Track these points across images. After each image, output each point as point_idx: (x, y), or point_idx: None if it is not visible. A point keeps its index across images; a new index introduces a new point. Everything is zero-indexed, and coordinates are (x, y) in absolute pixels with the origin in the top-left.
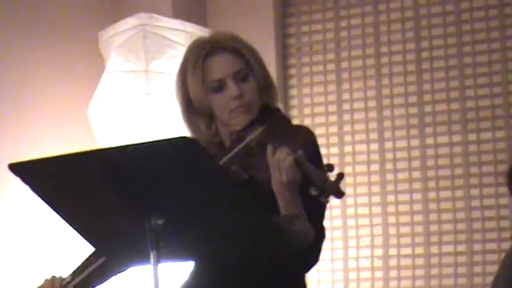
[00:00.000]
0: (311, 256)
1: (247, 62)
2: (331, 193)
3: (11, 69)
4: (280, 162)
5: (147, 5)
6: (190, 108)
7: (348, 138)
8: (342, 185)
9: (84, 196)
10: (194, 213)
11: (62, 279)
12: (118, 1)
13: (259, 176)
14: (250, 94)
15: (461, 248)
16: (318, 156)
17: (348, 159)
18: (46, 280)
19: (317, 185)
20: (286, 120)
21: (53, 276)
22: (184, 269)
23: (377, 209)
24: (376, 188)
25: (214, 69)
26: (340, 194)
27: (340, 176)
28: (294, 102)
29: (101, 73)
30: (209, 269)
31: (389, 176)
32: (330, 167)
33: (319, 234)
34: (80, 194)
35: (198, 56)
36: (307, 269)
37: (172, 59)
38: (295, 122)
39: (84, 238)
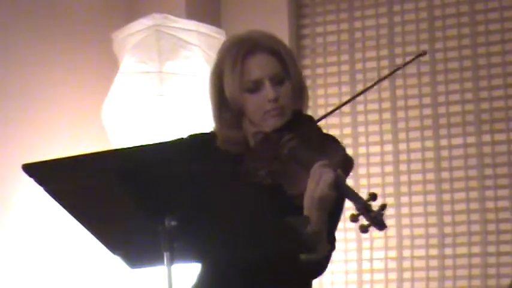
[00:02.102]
0: (323, 267)
1: (286, 65)
2: (372, 223)
3: (25, 70)
4: (322, 176)
5: (160, 5)
6: (222, 105)
7: (362, 139)
8: (384, 218)
9: (98, 197)
10: (208, 214)
11: None
12: (132, 2)
13: (289, 190)
14: (285, 98)
15: (475, 249)
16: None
17: (362, 160)
18: None
19: (358, 212)
20: (320, 131)
21: None
22: (197, 270)
23: (391, 211)
24: (389, 190)
25: (253, 70)
26: (381, 227)
27: (383, 207)
28: (308, 103)
29: (114, 74)
30: (218, 271)
31: (403, 178)
32: (373, 196)
33: (332, 249)
34: (93, 195)
35: (238, 53)
36: (315, 277)
37: (186, 60)
38: None
39: (97, 239)
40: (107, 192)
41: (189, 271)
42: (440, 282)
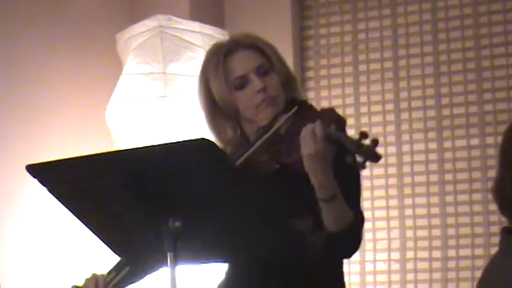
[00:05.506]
0: (349, 239)
1: (268, 57)
2: (366, 158)
3: (29, 71)
4: (315, 131)
5: (164, 6)
6: (215, 111)
7: None
8: (377, 150)
9: (101, 197)
10: (212, 214)
11: (104, 278)
12: (135, 3)
13: (292, 157)
14: (274, 88)
15: (478, 251)
16: None
17: None
18: (87, 279)
19: (352, 151)
20: (313, 107)
21: (94, 275)
22: (200, 271)
23: (394, 212)
24: (393, 191)
25: (236, 67)
26: (376, 158)
27: (375, 141)
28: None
29: (118, 75)
30: (241, 269)
31: (407, 179)
32: (364, 134)
33: (358, 218)
34: (96, 196)
35: (219, 56)
36: (348, 253)
37: (190, 61)
38: None
39: (101, 240)
40: (111, 193)
41: (192, 272)
42: (444, 284)
